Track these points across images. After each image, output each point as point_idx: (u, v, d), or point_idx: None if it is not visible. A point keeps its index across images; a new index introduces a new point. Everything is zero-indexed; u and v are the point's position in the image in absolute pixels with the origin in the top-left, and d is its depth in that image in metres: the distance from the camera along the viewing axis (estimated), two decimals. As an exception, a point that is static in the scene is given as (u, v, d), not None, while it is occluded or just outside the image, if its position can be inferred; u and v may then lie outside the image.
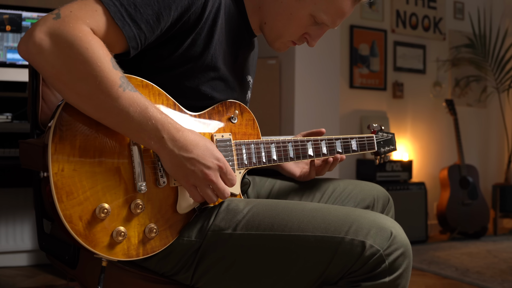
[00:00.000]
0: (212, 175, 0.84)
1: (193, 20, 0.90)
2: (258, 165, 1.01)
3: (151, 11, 0.83)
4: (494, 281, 2.43)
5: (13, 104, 2.27)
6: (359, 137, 1.20)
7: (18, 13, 2.28)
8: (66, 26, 0.76)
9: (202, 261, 0.89)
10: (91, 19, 0.78)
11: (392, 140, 1.30)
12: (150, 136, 0.80)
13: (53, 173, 0.76)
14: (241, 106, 1.04)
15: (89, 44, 0.76)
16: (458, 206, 3.53)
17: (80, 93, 0.77)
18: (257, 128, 1.06)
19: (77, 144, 0.79)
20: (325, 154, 1.13)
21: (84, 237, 0.78)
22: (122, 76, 0.78)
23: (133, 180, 0.83)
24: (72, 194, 0.77)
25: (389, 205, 1.19)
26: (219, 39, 0.95)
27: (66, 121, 0.79)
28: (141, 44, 0.85)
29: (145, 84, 0.87)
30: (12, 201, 2.47)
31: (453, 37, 3.97)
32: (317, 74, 2.88)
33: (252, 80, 1.16)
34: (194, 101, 0.95)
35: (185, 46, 0.91)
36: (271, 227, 0.87)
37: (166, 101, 0.90)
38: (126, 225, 0.82)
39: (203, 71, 0.94)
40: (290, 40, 1.03)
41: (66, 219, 0.76)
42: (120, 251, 0.82)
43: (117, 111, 0.77)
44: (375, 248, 0.82)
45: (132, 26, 0.82)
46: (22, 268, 2.48)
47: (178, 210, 0.89)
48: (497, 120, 4.15)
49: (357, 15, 3.54)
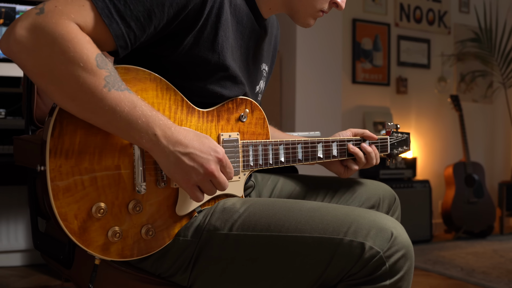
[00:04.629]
0: (214, 168, 0.81)
1: (192, 17, 0.86)
2: (264, 167, 1.00)
3: (142, 8, 0.79)
4: (500, 282, 2.41)
5: (7, 99, 2.26)
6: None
7: (12, 6, 2.26)
8: (49, 22, 0.72)
9: (198, 261, 0.88)
10: (77, 14, 0.74)
11: (406, 141, 1.27)
12: (141, 135, 0.77)
13: (50, 169, 0.74)
14: (252, 104, 1.01)
15: (72, 42, 0.72)
16: (463, 204, 3.52)
17: (63, 94, 0.74)
18: (266, 128, 1.04)
19: (77, 140, 0.77)
20: (335, 156, 1.11)
21: (78, 236, 0.77)
22: (108, 75, 0.75)
23: (132, 180, 0.81)
24: (69, 192, 0.76)
25: (395, 205, 1.18)
26: (225, 35, 0.92)
27: (67, 114, 0.76)
28: (131, 43, 0.81)
29: (154, 77, 0.85)
30: (5, 199, 2.46)
31: (458, 31, 3.96)
32: (319, 69, 2.87)
33: (267, 68, 1.14)
34: (202, 99, 0.93)
35: (187, 45, 0.87)
36: (267, 227, 0.85)
37: (174, 95, 0.88)
38: (123, 225, 0.81)
39: (211, 72, 0.92)
40: (320, 10, 1.02)
41: (61, 217, 0.75)
42: (114, 251, 0.81)
43: (103, 112, 0.75)
44: (375, 249, 0.80)
45: (121, 24, 0.78)
46: (16, 268, 2.47)
47: (177, 212, 0.87)
48: (504, 116, 4.14)
49: (360, 8, 3.52)
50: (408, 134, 1.28)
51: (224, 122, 0.95)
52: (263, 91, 1.13)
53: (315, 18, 1.03)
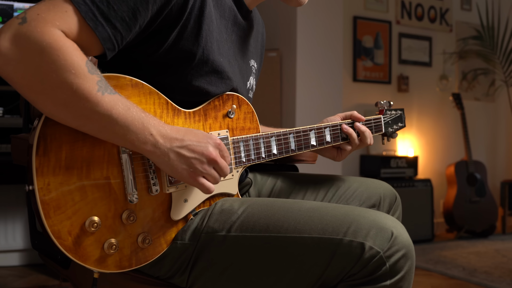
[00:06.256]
0: (215, 154, 0.82)
1: (176, 12, 0.85)
2: (257, 161, 0.99)
3: (126, 7, 0.77)
4: (502, 282, 2.40)
5: (5, 98, 2.25)
6: (366, 120, 1.16)
7: (10, 3, 2.27)
8: (34, 32, 0.70)
9: (196, 264, 0.88)
10: (61, 21, 0.72)
11: (401, 117, 1.26)
12: (138, 137, 0.76)
13: (38, 188, 0.73)
14: (239, 99, 0.99)
15: (61, 50, 0.70)
16: (465, 203, 3.51)
17: (56, 102, 0.72)
18: (256, 121, 1.02)
19: (62, 156, 0.75)
20: (329, 142, 1.10)
21: (74, 252, 0.77)
22: (100, 79, 0.74)
23: (123, 190, 0.80)
24: (60, 209, 0.75)
25: (396, 204, 1.17)
26: (209, 28, 0.90)
27: (51, 130, 0.75)
28: (118, 44, 0.79)
29: (135, 83, 0.83)
30: (3, 198, 2.46)
31: (460, 29, 3.95)
32: (320, 67, 2.86)
33: (256, 65, 1.13)
34: (188, 97, 0.91)
35: (170, 41, 0.86)
36: (266, 228, 0.85)
37: (158, 99, 0.86)
38: (118, 236, 0.80)
39: (195, 67, 0.90)
40: None
41: (54, 235, 0.74)
42: (112, 263, 0.80)
43: (98, 116, 0.73)
44: (375, 249, 0.79)
45: (106, 26, 0.76)
46: (13, 268, 2.47)
47: (172, 217, 0.87)
48: (506, 114, 4.13)
49: (361, 6, 3.51)
50: (402, 110, 1.26)
51: (211, 121, 0.94)
52: (253, 88, 1.11)
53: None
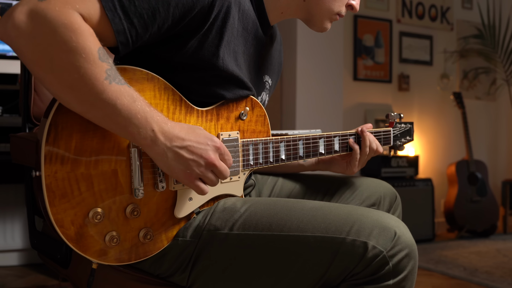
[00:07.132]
0: (214, 158, 0.81)
1: (198, 20, 0.85)
2: (264, 165, 0.99)
3: (147, 5, 0.78)
4: (504, 281, 2.39)
5: (3, 97, 2.25)
6: (375, 132, 1.17)
7: (9, 2, 2.26)
8: (52, 10, 0.70)
9: (198, 261, 0.88)
10: (81, 4, 0.73)
11: (409, 131, 1.26)
12: (139, 131, 0.75)
13: (45, 175, 0.73)
14: (252, 101, 0.99)
15: (75, 32, 0.70)
16: (466, 203, 3.50)
17: (62, 83, 0.72)
18: (267, 125, 1.02)
19: (72, 145, 0.76)
20: (337, 151, 1.11)
21: (75, 242, 0.77)
22: (109, 68, 0.74)
23: (130, 184, 0.81)
24: (65, 198, 0.75)
25: (396, 203, 1.18)
26: (229, 40, 0.90)
27: (63, 119, 0.75)
28: (132, 40, 0.79)
29: (151, 77, 0.83)
30: (2, 197, 2.45)
31: (461, 28, 3.94)
32: (320, 66, 2.85)
33: (271, 81, 1.12)
34: (203, 99, 0.92)
35: (191, 49, 0.86)
36: (269, 227, 0.85)
37: (172, 95, 0.86)
38: (120, 229, 0.81)
39: (214, 76, 0.90)
40: (337, 13, 1.02)
41: (57, 223, 0.75)
42: (112, 256, 0.81)
43: (102, 104, 0.73)
44: (378, 249, 0.80)
45: (123, 19, 0.77)
46: (12, 267, 2.46)
47: (176, 214, 0.87)
48: (507, 113, 4.12)
49: (362, 4, 3.51)
50: (411, 124, 1.27)
51: (223, 121, 0.93)
52: (265, 103, 1.10)
53: (331, 22, 1.03)
